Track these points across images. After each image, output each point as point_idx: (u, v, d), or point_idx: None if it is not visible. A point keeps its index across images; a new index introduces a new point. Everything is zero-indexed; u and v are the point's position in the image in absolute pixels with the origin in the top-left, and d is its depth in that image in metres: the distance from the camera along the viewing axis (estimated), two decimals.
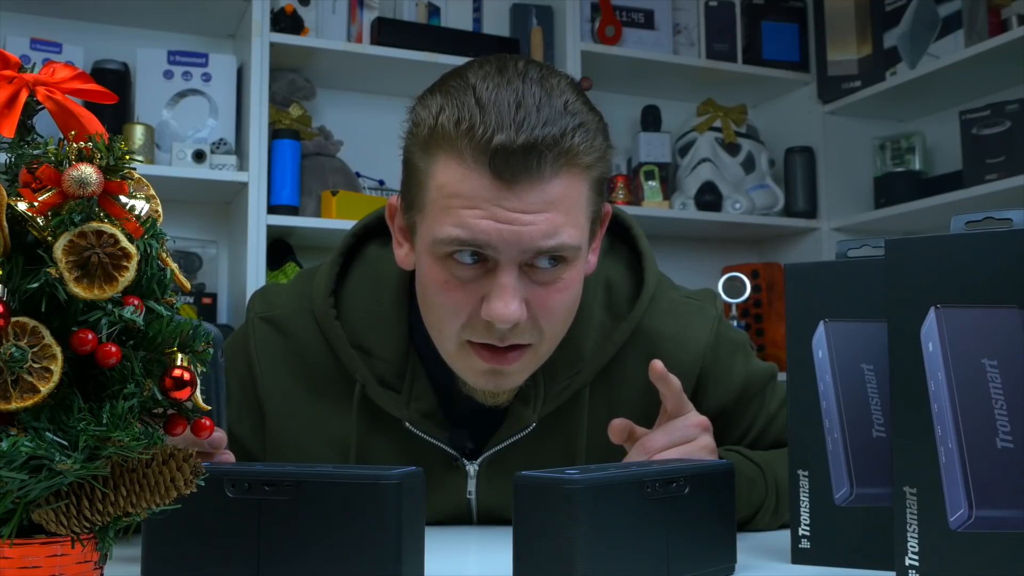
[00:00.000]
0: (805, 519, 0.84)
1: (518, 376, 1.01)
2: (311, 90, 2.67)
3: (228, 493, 0.72)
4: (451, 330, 0.97)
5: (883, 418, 0.82)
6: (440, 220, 0.92)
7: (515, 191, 0.90)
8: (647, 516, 0.72)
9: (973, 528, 0.71)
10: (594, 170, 0.95)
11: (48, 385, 0.53)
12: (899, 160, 3.00)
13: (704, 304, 1.14)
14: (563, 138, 0.90)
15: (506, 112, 0.89)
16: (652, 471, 0.73)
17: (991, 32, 2.62)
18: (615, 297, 1.11)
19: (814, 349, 0.84)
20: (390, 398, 1.06)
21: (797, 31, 3.11)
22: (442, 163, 0.92)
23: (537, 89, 0.91)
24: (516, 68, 0.93)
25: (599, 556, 0.68)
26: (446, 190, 0.92)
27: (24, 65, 0.58)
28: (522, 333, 0.96)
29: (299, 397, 1.09)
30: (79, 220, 0.54)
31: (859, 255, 0.85)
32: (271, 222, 2.41)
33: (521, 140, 0.88)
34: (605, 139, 0.97)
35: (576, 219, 0.94)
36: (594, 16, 2.92)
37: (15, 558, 0.55)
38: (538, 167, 0.89)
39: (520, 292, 0.93)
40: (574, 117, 0.91)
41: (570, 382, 1.07)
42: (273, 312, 1.12)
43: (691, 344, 1.11)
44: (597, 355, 1.08)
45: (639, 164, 3.00)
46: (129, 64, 2.50)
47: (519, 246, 0.91)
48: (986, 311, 0.71)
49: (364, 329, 1.08)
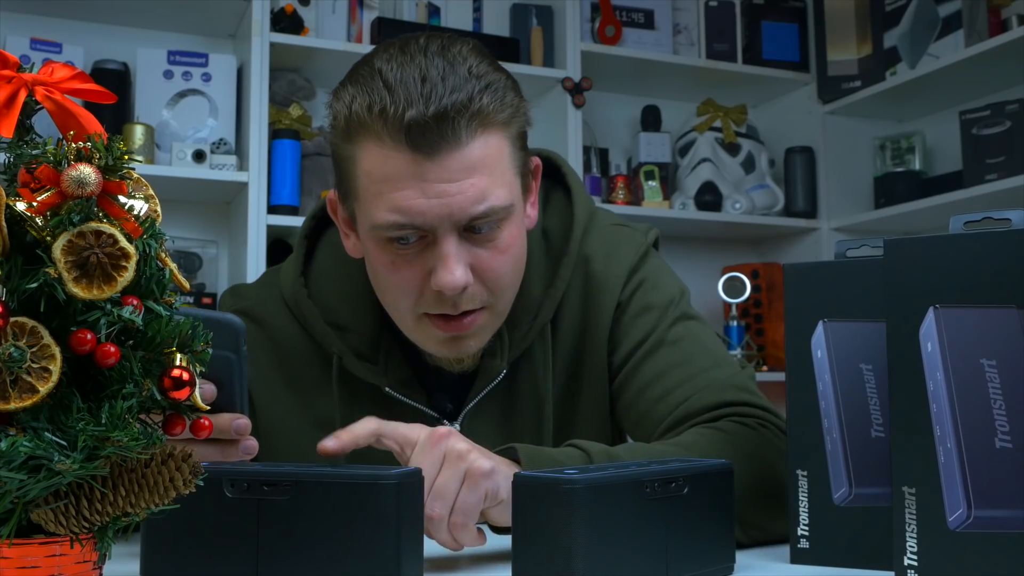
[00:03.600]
0: (804, 519, 0.84)
1: (478, 339, 1.04)
2: (311, 90, 2.67)
3: (227, 493, 0.72)
4: (406, 306, 1.01)
5: (882, 418, 0.82)
6: (374, 206, 0.96)
7: (437, 161, 0.93)
8: (646, 516, 0.72)
9: (972, 528, 0.71)
10: (511, 126, 0.98)
11: (47, 385, 0.53)
12: (899, 160, 3.00)
13: (633, 231, 1.16)
14: (471, 101, 0.93)
15: (413, 88, 0.92)
16: (651, 471, 0.73)
17: (991, 32, 2.62)
18: (551, 241, 1.14)
19: (813, 349, 0.84)
20: (367, 369, 1.09)
21: (797, 31, 3.11)
22: (364, 149, 0.96)
23: (440, 61, 0.94)
24: (418, 45, 0.97)
25: (598, 556, 0.68)
26: (373, 175, 0.95)
27: (24, 65, 0.58)
28: (472, 297, 0.99)
29: (278, 383, 1.12)
30: (78, 220, 0.54)
31: (858, 255, 0.85)
32: (271, 222, 2.41)
33: (432, 111, 0.91)
34: (516, 95, 0.99)
35: (503, 178, 0.97)
36: (594, 16, 2.92)
37: (14, 558, 0.55)
38: (454, 133, 0.92)
39: (463, 258, 0.96)
40: (479, 80, 0.95)
41: (529, 327, 1.10)
42: (243, 304, 1.15)
43: (616, 262, 1.13)
44: (549, 295, 1.10)
45: (639, 164, 3.00)
46: (129, 64, 2.50)
47: (451, 217, 0.94)
48: (985, 311, 0.72)
49: (336, 307, 1.11)
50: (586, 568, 0.67)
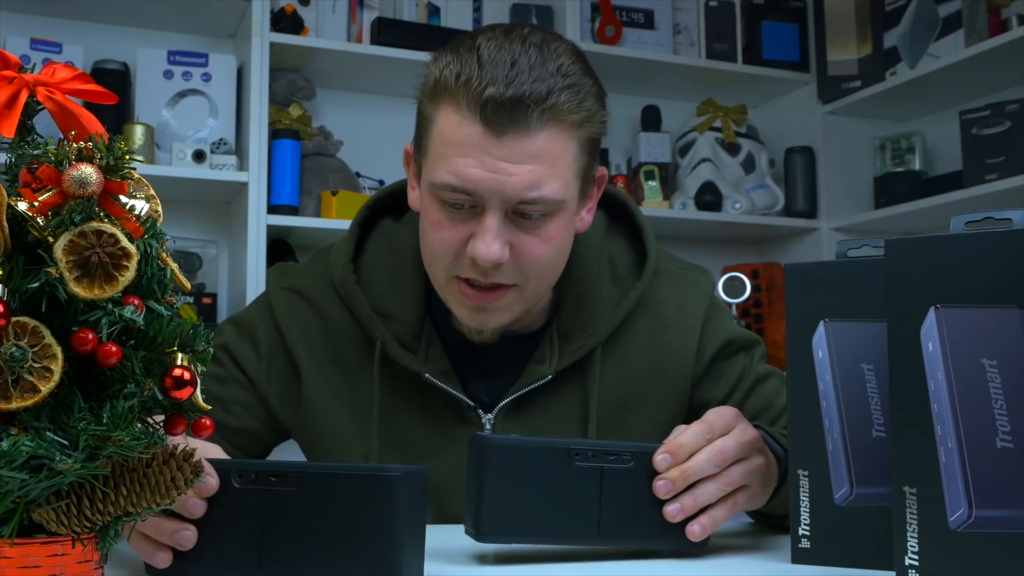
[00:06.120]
0: (805, 519, 0.84)
1: (502, 315, 1.08)
2: (311, 90, 2.67)
3: (234, 483, 0.75)
4: (441, 264, 1.06)
5: (883, 418, 0.82)
6: (437, 165, 1.02)
7: (503, 141, 0.98)
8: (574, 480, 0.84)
9: (973, 528, 0.71)
10: (583, 129, 1.03)
11: (48, 385, 0.53)
12: (899, 160, 3.00)
13: (698, 275, 1.26)
14: (549, 95, 0.98)
15: (501, 69, 0.98)
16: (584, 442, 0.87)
17: (991, 32, 2.62)
18: (618, 269, 1.20)
19: (814, 349, 0.84)
20: (408, 357, 1.13)
21: (797, 31, 3.11)
22: (443, 112, 1.01)
23: (534, 52, 0.99)
24: (521, 33, 1.02)
25: (510, 507, 0.82)
26: (444, 137, 1.01)
27: (24, 65, 0.58)
28: (504, 273, 1.04)
29: (324, 360, 1.17)
30: (79, 220, 0.54)
31: (859, 255, 0.85)
32: (271, 222, 2.41)
33: (510, 93, 0.97)
34: (598, 103, 1.05)
35: (560, 174, 1.01)
36: (594, 16, 2.91)
37: (16, 557, 0.55)
38: (524, 120, 0.97)
39: (503, 235, 1.01)
40: (565, 78, 1.00)
41: (583, 343, 1.15)
42: (294, 282, 1.20)
43: (691, 307, 1.21)
44: (608, 320, 1.16)
45: (639, 164, 3.00)
46: (129, 64, 2.50)
47: (502, 195, 0.99)
48: (986, 311, 0.72)
49: (383, 295, 1.16)
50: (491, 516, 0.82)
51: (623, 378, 1.16)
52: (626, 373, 1.16)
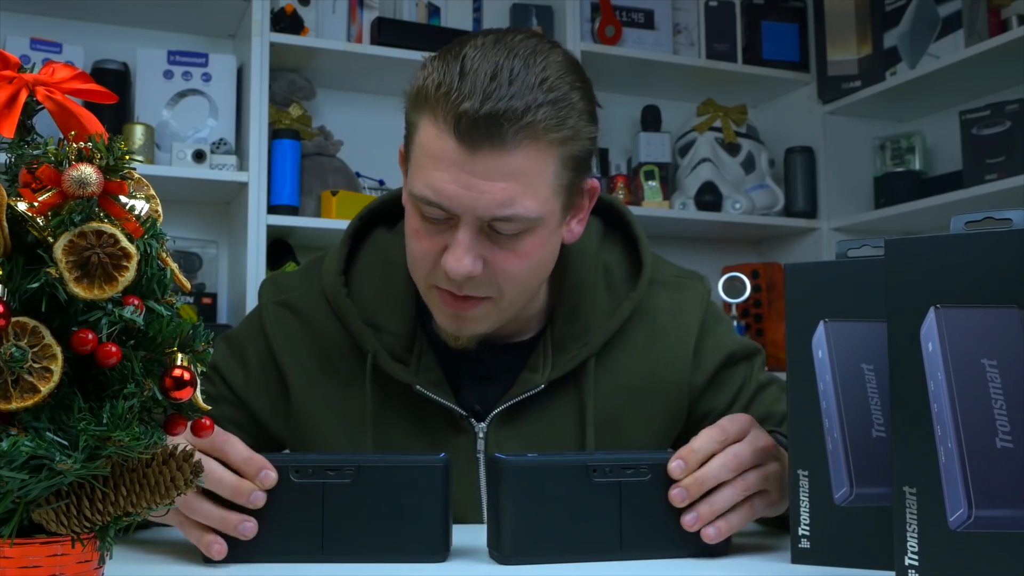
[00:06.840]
0: (805, 519, 0.84)
1: (479, 324, 1.07)
2: (311, 90, 2.67)
3: (293, 478, 0.84)
4: (420, 273, 1.06)
5: (883, 418, 0.82)
6: (416, 175, 1.01)
7: (477, 157, 0.95)
8: (593, 497, 0.85)
9: (973, 528, 0.71)
10: (565, 147, 0.99)
11: (48, 385, 0.53)
12: (899, 160, 3.00)
13: (694, 282, 1.24)
14: (527, 112, 0.94)
15: (480, 81, 0.94)
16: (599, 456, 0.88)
17: (991, 32, 2.62)
18: (613, 278, 1.19)
19: (814, 349, 0.84)
20: (400, 368, 1.12)
21: (797, 31, 3.11)
22: (424, 122, 0.99)
23: (519, 64, 0.96)
24: (510, 41, 0.99)
25: (532, 528, 0.84)
26: (423, 148, 0.99)
27: (24, 65, 0.58)
28: (477, 287, 1.02)
29: (315, 373, 1.16)
30: (79, 220, 0.54)
31: (859, 255, 0.85)
32: (271, 222, 2.41)
33: (485, 109, 0.93)
34: (585, 119, 1.00)
35: (538, 191, 0.98)
36: (594, 16, 2.91)
37: (15, 558, 0.55)
38: (500, 137, 0.94)
39: (475, 250, 0.99)
40: (548, 93, 0.96)
41: (577, 352, 1.14)
42: (285, 296, 1.19)
43: (686, 315, 1.20)
44: (602, 329, 1.15)
45: (639, 164, 3.00)
46: (129, 64, 2.50)
47: (475, 211, 0.97)
48: (986, 311, 0.72)
49: (374, 307, 1.15)
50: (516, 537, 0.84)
51: (618, 387, 1.15)
52: (621, 382, 1.15)
